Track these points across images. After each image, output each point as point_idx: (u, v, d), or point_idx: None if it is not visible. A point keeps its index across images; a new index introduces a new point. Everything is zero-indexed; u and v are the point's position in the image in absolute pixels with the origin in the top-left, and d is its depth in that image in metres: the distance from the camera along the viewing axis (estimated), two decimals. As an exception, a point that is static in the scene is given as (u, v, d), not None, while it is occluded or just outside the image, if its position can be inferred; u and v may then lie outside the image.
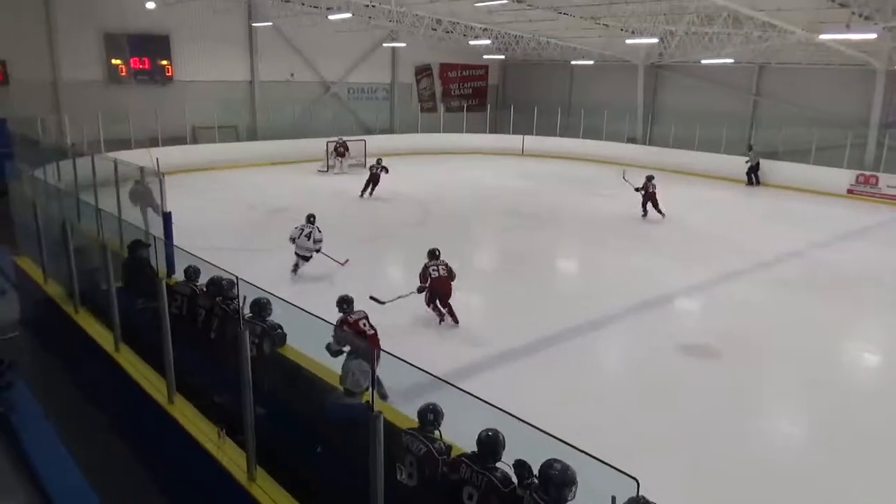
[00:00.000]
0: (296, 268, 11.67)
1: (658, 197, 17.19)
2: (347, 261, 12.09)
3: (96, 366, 6.90)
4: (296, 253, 11.63)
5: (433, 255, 9.76)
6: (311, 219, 11.80)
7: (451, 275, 9.57)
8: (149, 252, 7.37)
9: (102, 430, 6.74)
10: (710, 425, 7.26)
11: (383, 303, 9.06)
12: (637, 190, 17.13)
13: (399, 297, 9.38)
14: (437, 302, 9.64)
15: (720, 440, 6.96)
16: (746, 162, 22.84)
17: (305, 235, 11.53)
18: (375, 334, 6.97)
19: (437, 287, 9.53)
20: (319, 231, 11.64)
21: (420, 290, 9.58)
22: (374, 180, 18.84)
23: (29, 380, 6.82)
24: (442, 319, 9.67)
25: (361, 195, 18.80)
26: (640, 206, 17.31)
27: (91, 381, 7.50)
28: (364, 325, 6.94)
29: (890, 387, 8.63)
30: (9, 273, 10.41)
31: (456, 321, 9.66)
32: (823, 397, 8.19)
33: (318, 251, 11.68)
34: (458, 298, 9.70)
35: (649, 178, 17.59)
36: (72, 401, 7.36)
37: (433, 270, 9.52)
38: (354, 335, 6.59)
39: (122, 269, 7.24)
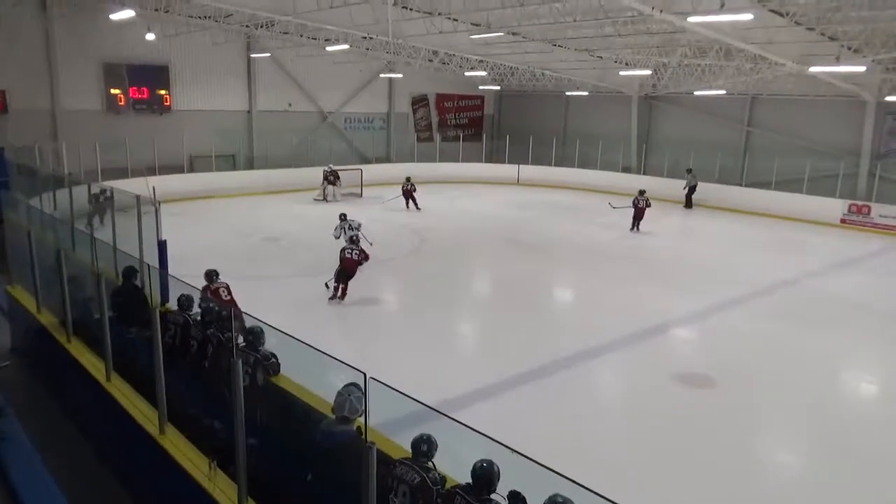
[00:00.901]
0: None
1: (647, 214, 18.95)
2: (372, 243, 13.70)
3: (87, 395, 6.83)
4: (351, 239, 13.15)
5: (352, 240, 12.16)
6: (343, 217, 14.24)
7: (360, 258, 11.69)
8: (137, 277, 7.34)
9: (92, 460, 6.65)
10: (706, 455, 7.20)
11: (328, 285, 11.89)
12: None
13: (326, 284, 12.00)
14: (345, 281, 11.70)
15: (716, 470, 6.91)
16: (688, 186, 24.05)
17: (350, 227, 13.73)
18: (232, 299, 8.53)
19: (345, 265, 11.66)
20: (355, 221, 14.01)
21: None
22: (406, 196, 21.87)
23: (18, 409, 6.72)
24: (333, 297, 11.74)
25: (418, 208, 21.93)
26: (631, 220, 19.02)
27: (82, 410, 7.42)
28: (223, 292, 8.59)
29: (885, 416, 8.58)
30: (1, 302, 10.35)
31: (342, 297, 11.73)
32: (819, 426, 8.15)
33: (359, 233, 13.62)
34: (456, 325, 9.65)
35: (641, 193, 19.28)
36: (62, 431, 7.26)
37: (347, 252, 11.72)
38: (212, 299, 7.98)
39: (113, 295, 7.15)
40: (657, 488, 6.31)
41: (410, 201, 21.98)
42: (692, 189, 24.01)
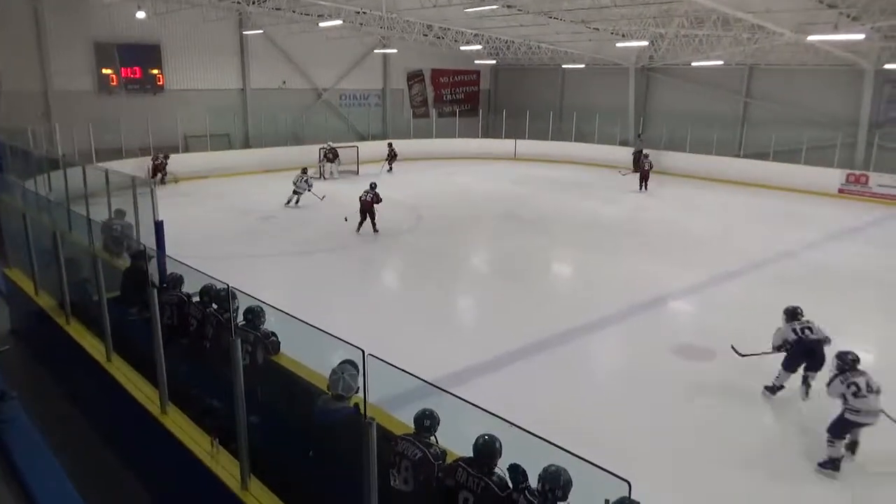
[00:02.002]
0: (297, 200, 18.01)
1: (651, 174, 21.30)
2: (325, 197, 17.66)
3: (88, 377, 6.85)
4: (371, 185, 15.26)
5: (372, 186, 15.01)
6: (304, 170, 18.23)
7: (373, 199, 14.74)
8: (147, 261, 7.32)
9: (95, 441, 6.69)
10: (705, 427, 7.26)
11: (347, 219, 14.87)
12: (635, 171, 20.97)
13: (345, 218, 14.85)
14: (365, 218, 14.82)
15: (714, 442, 6.97)
16: (634, 151, 25.03)
17: (308, 180, 17.99)
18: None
19: (362, 206, 14.81)
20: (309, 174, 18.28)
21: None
22: (391, 160, 24.85)
23: (20, 392, 6.74)
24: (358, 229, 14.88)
25: (390, 170, 24.74)
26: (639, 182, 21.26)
27: (83, 392, 7.44)
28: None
29: (884, 386, 8.61)
30: (-1, 285, 10.34)
31: (375, 231, 14.89)
32: (817, 396, 8.18)
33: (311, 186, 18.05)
34: (454, 301, 9.66)
35: (645, 156, 21.15)
36: (63, 412, 7.29)
37: (364, 195, 14.84)
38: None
39: (124, 277, 7.24)
40: (654, 459, 6.37)
41: (391, 164, 24.91)
42: (639, 153, 24.42)
